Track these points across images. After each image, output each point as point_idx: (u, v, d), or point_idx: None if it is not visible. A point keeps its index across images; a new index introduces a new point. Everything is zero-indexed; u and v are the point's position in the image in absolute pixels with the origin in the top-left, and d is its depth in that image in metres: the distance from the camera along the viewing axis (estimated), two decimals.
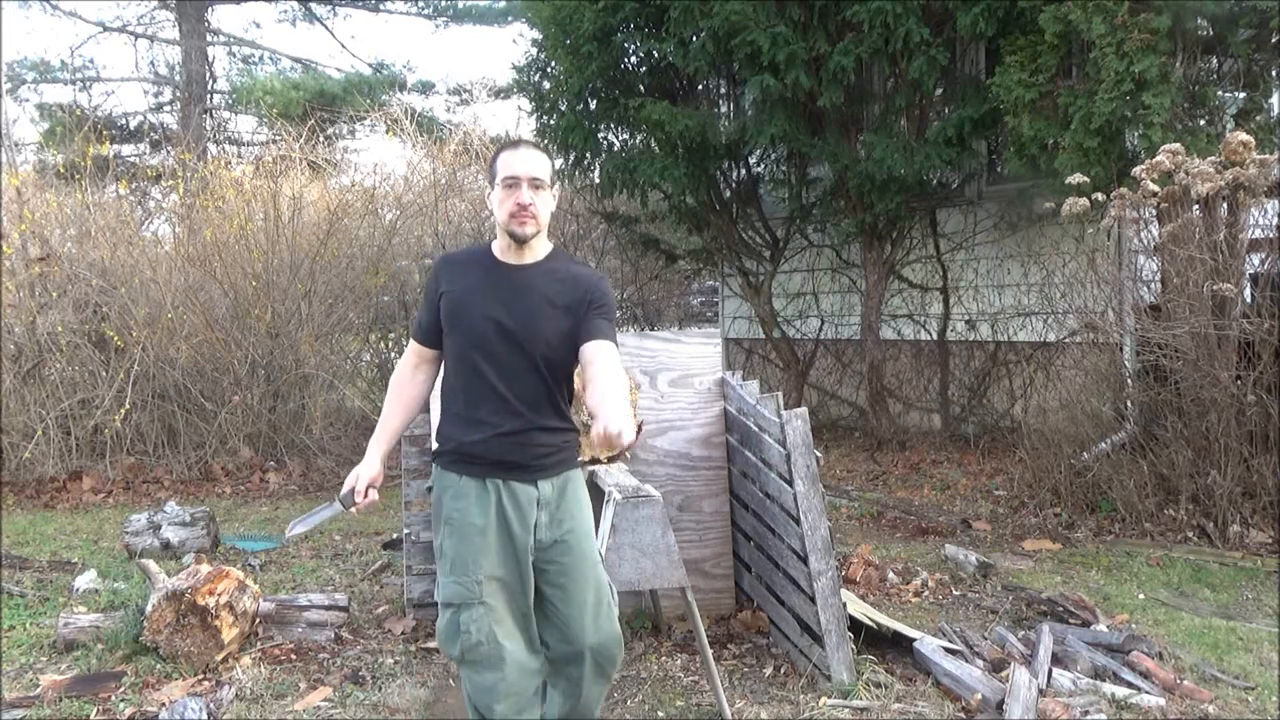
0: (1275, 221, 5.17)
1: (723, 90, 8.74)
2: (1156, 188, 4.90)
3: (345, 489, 2.63)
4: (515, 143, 2.59)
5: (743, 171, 8.47)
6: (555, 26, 7.79)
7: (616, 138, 8.35)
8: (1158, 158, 4.90)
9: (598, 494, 3.39)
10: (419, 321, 2.69)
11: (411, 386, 2.70)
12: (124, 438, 7.21)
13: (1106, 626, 3.87)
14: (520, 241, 2.52)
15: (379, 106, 14.43)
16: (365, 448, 2.68)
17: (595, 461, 3.70)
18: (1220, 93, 5.71)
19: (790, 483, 3.41)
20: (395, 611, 4.22)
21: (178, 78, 17.38)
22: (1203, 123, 5.63)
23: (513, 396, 2.49)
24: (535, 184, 2.49)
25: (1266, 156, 4.81)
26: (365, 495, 2.62)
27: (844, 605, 3.39)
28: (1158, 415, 5.37)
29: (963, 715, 3.16)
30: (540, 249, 2.59)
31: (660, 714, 3.28)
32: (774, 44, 6.52)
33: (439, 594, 2.52)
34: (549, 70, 8.33)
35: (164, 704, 3.25)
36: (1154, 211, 5.20)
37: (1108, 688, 3.27)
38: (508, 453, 2.49)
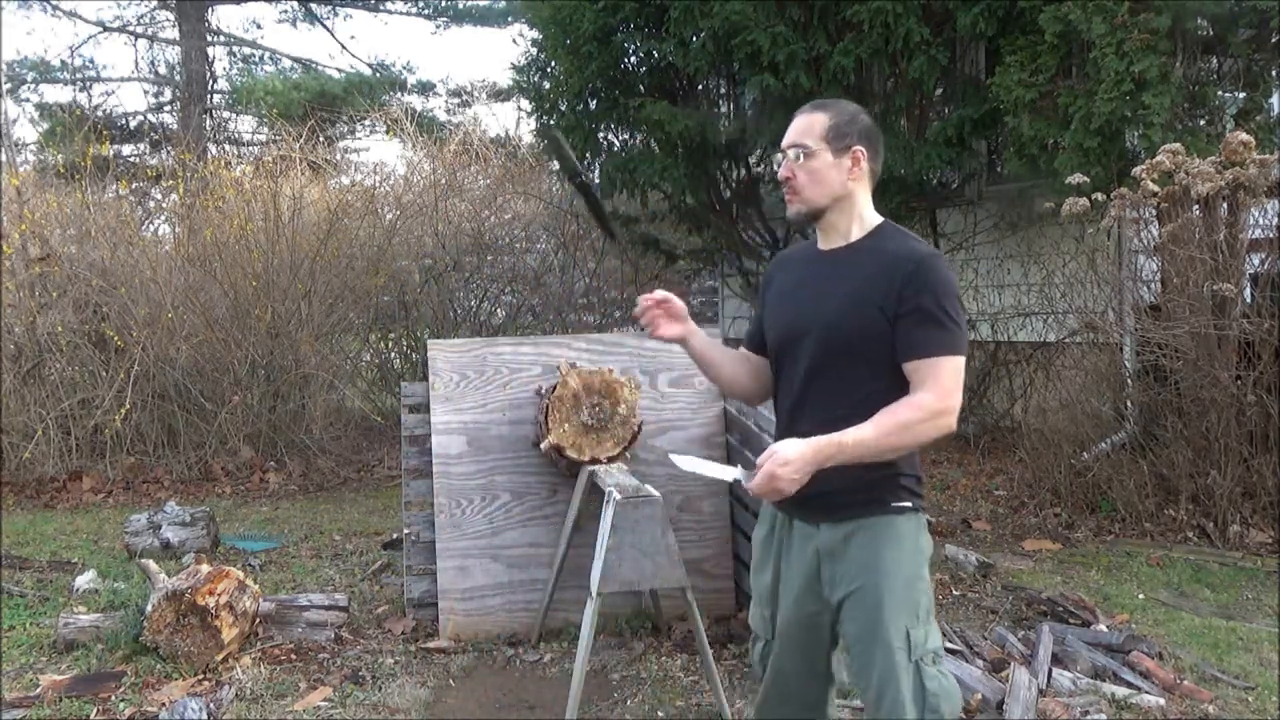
0: (1275, 221, 5.17)
1: (723, 90, 8.74)
2: (1156, 188, 4.90)
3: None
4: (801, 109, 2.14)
5: (743, 171, 8.47)
6: (555, 26, 7.79)
7: (616, 138, 8.35)
8: (1158, 158, 4.90)
9: (598, 494, 3.40)
10: None
11: (735, 362, 2.29)
12: (124, 438, 7.20)
13: (1106, 626, 3.86)
14: (797, 223, 2.15)
15: (379, 107, 14.43)
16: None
17: (595, 461, 3.71)
18: (1220, 93, 5.72)
19: None
20: (395, 611, 4.22)
21: (178, 78, 17.37)
22: (1203, 123, 5.64)
23: (796, 416, 2.06)
24: (799, 151, 2.06)
25: (1266, 156, 4.81)
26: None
27: None
28: (1158, 415, 5.37)
29: (963, 715, 3.16)
30: (857, 226, 2.09)
31: (660, 714, 3.28)
32: (774, 44, 6.53)
33: None
34: (549, 70, 8.33)
35: (164, 704, 3.25)
36: (1154, 211, 5.20)
37: (1108, 688, 3.28)
38: None
